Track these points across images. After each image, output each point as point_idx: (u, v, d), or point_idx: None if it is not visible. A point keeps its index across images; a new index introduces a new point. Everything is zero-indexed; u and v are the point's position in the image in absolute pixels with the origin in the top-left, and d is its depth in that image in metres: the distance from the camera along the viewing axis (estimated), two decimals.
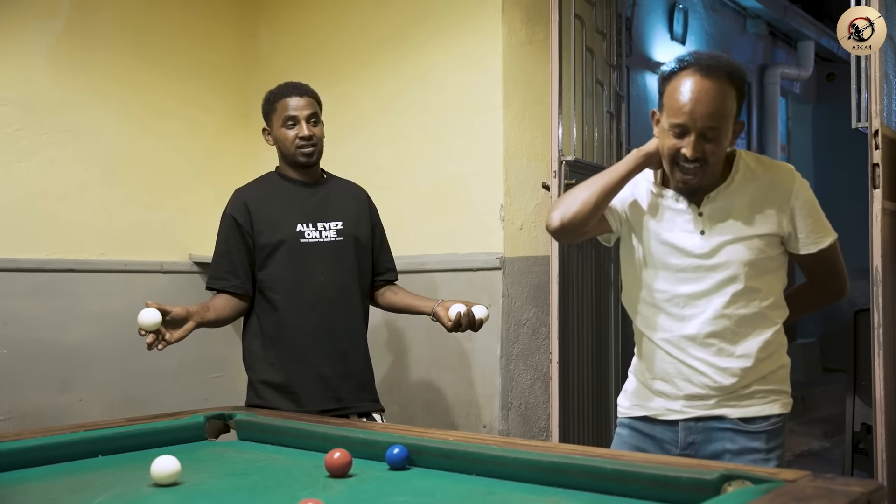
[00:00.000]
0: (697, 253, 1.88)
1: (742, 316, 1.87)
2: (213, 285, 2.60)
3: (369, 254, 2.70)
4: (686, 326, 1.90)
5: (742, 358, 1.88)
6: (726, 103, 1.81)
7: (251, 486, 1.72)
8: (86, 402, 3.38)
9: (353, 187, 2.78)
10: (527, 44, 3.40)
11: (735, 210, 1.87)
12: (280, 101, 2.59)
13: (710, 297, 1.87)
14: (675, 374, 1.92)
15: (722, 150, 1.85)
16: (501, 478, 1.72)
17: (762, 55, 7.40)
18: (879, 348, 2.54)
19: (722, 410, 1.89)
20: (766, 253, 1.87)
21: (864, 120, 2.63)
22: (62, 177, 3.40)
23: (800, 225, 1.87)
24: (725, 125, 1.82)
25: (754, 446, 1.87)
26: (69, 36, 3.43)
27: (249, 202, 2.61)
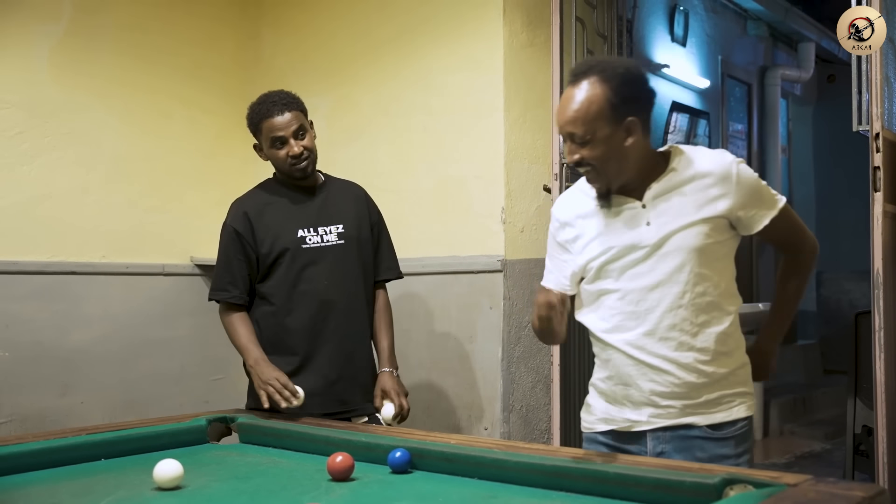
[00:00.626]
0: (645, 244, 1.87)
1: (697, 304, 1.86)
2: (215, 296, 2.62)
3: (370, 254, 2.71)
4: (644, 322, 1.88)
5: (702, 351, 1.86)
6: (590, 106, 1.81)
7: (253, 489, 1.73)
8: (87, 405, 3.38)
9: (351, 187, 2.78)
10: (528, 46, 3.40)
11: (677, 198, 1.88)
12: (264, 122, 2.56)
13: (663, 287, 1.87)
14: (639, 376, 1.89)
15: (608, 151, 1.83)
16: (503, 481, 1.73)
17: (763, 57, 7.40)
18: (880, 351, 2.54)
19: (689, 419, 1.87)
20: (714, 238, 1.86)
21: (864, 123, 2.64)
22: (64, 179, 3.40)
23: (745, 202, 1.87)
24: (593, 127, 1.81)
25: (724, 452, 1.86)
26: (71, 38, 3.44)
27: (250, 212, 2.61)
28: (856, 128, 2.68)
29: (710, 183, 1.86)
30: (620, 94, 1.82)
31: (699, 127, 6.45)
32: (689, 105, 6.30)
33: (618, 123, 1.83)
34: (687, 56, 6.21)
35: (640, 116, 1.86)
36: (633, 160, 1.87)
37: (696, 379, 1.86)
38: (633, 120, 1.84)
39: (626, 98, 1.83)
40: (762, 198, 1.89)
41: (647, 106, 1.90)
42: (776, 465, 5.01)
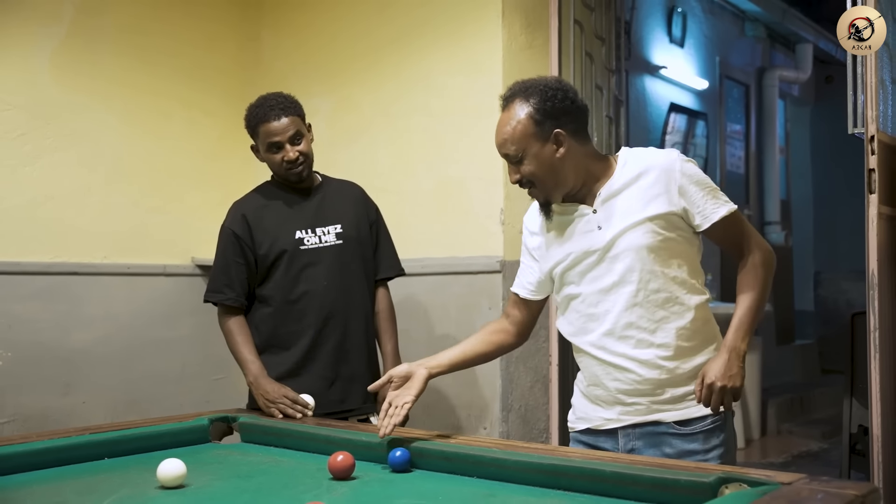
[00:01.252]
0: (597, 248, 1.92)
1: (653, 301, 1.89)
2: (210, 298, 2.63)
3: (370, 252, 2.72)
4: (603, 323, 1.93)
5: (662, 347, 1.89)
6: (516, 126, 1.90)
7: (255, 488, 1.75)
8: (89, 405, 3.40)
9: (348, 187, 2.80)
10: (526, 49, 3.42)
11: (624, 199, 1.91)
12: (261, 126, 2.58)
13: (617, 288, 1.90)
14: (604, 375, 1.95)
15: (541, 166, 1.90)
16: (502, 480, 1.75)
17: (760, 58, 7.43)
18: (876, 351, 2.56)
19: (657, 415, 1.90)
20: (664, 234, 1.88)
21: (860, 125, 2.66)
22: (66, 180, 3.42)
23: (693, 199, 1.88)
24: (522, 145, 1.90)
25: (691, 448, 1.88)
26: (72, 40, 3.46)
27: (248, 215, 2.63)
28: (851, 130, 2.69)
29: (654, 180, 1.90)
30: (542, 109, 1.89)
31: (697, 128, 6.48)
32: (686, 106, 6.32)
33: (545, 138, 1.90)
34: (685, 57, 6.24)
35: (567, 127, 1.91)
36: (569, 169, 1.93)
37: (658, 375, 1.89)
38: (559, 132, 1.90)
39: (549, 112, 1.89)
40: (710, 197, 1.90)
41: (576, 116, 1.93)
42: (773, 464, 5.03)
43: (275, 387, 2.46)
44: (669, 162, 1.90)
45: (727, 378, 1.81)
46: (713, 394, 1.82)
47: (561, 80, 2.01)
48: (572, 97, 1.94)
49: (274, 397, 2.43)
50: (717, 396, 1.82)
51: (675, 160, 1.91)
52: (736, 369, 1.83)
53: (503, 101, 1.96)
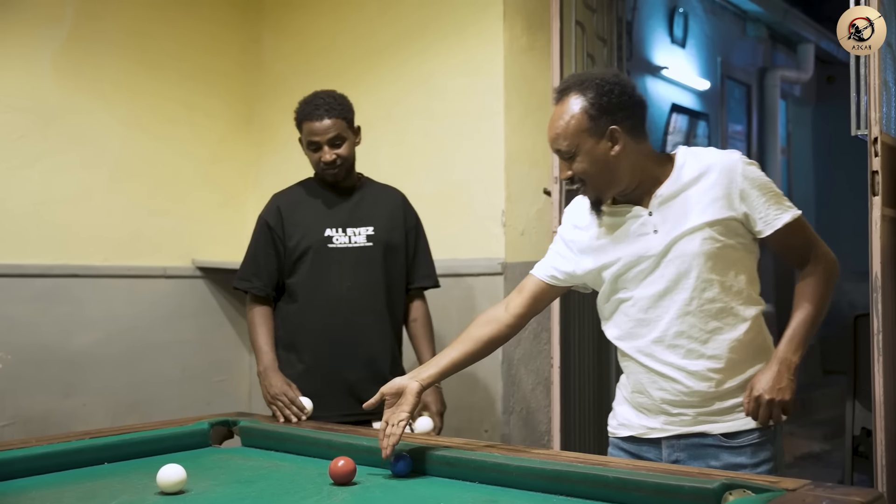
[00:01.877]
0: (653, 253, 1.85)
1: (706, 311, 1.82)
2: (238, 285, 2.66)
3: (402, 259, 2.69)
4: (653, 330, 1.87)
5: (713, 359, 1.83)
6: (570, 121, 1.83)
7: (256, 493, 1.74)
8: (90, 407, 3.40)
9: (389, 192, 2.77)
10: (528, 50, 3.42)
11: (682, 202, 1.84)
12: (304, 123, 2.60)
13: (671, 294, 1.84)
14: (649, 384, 1.89)
15: (594, 163, 1.83)
16: (505, 485, 1.74)
17: (762, 58, 7.41)
18: (879, 354, 2.55)
19: (703, 427, 1.84)
20: (723, 241, 1.82)
21: (863, 127, 2.64)
22: (67, 183, 3.41)
23: (755, 204, 1.81)
24: (575, 141, 1.83)
25: (738, 462, 1.81)
26: (74, 43, 3.45)
27: (283, 207, 2.66)
28: (854, 132, 2.68)
29: (713, 183, 1.82)
30: (598, 104, 1.82)
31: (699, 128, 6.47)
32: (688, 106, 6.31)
33: (600, 134, 1.82)
34: (686, 58, 6.23)
35: (623, 124, 1.84)
36: (624, 168, 1.85)
37: (707, 388, 1.83)
38: (615, 129, 1.82)
39: (605, 108, 1.82)
40: (773, 202, 1.82)
41: (633, 112, 1.87)
42: None
43: (279, 382, 2.45)
44: (731, 164, 1.83)
45: (776, 391, 1.76)
46: (761, 407, 1.76)
47: (619, 73, 1.93)
48: (630, 92, 1.86)
49: (275, 392, 2.42)
50: (765, 410, 1.76)
51: (737, 162, 1.83)
52: (786, 382, 1.77)
53: (557, 94, 1.88)
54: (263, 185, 4.09)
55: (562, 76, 3.28)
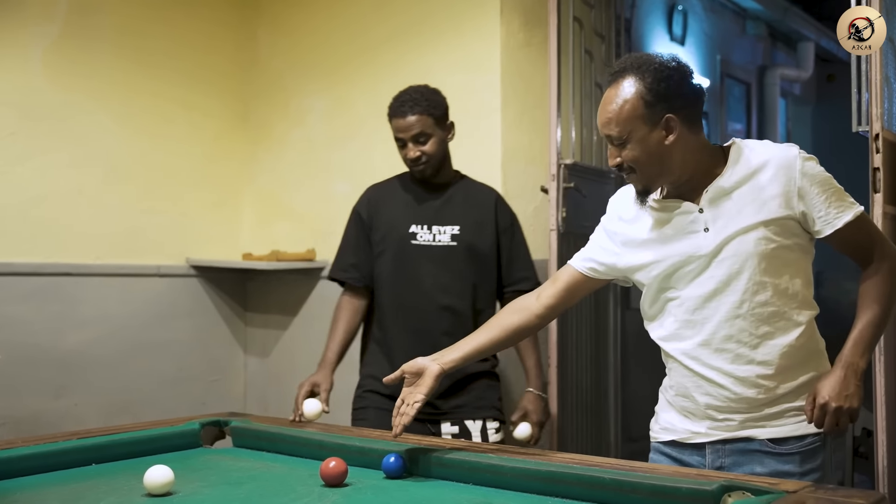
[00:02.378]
0: (704, 252, 1.77)
1: (758, 315, 1.74)
2: (335, 275, 2.70)
3: (490, 262, 2.62)
4: (700, 332, 1.79)
5: (763, 365, 1.74)
6: (624, 105, 1.74)
7: (245, 495, 1.71)
8: (82, 407, 3.36)
9: (482, 191, 2.71)
10: (525, 46, 3.38)
11: (736, 199, 1.76)
12: (392, 119, 2.59)
13: (720, 296, 1.76)
14: (694, 388, 1.81)
15: (646, 151, 1.75)
16: (498, 487, 1.71)
17: (762, 56, 7.38)
18: (880, 353, 2.52)
19: (749, 431, 1.77)
20: (778, 242, 1.73)
21: (864, 123, 2.61)
22: (59, 180, 3.38)
23: (814, 202, 1.72)
24: (628, 127, 1.74)
25: (786, 469, 1.72)
26: (66, 39, 3.41)
27: (373, 199, 2.68)
28: (855, 128, 2.65)
29: (770, 179, 1.73)
30: (655, 90, 1.73)
31: None
32: None
33: (655, 122, 1.74)
34: (685, 55, 6.19)
35: (680, 113, 1.75)
36: (677, 160, 1.76)
37: (755, 394, 1.75)
38: (671, 117, 1.74)
39: (662, 95, 1.73)
40: (834, 199, 1.74)
41: (691, 101, 1.78)
42: None
43: (311, 377, 2.51)
44: (789, 159, 1.74)
45: (843, 398, 1.68)
46: (827, 415, 1.68)
47: (678, 58, 1.80)
48: (689, 79, 1.77)
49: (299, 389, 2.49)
50: (831, 418, 1.68)
51: (796, 157, 1.74)
52: (853, 388, 1.69)
53: (612, 76, 1.78)
54: (259, 184, 4.06)
55: (559, 73, 3.25)
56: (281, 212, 3.97)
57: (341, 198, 3.73)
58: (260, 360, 3.98)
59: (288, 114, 3.96)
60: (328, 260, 3.74)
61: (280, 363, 3.91)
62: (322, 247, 3.77)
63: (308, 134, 3.88)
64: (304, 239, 3.82)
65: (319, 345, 3.74)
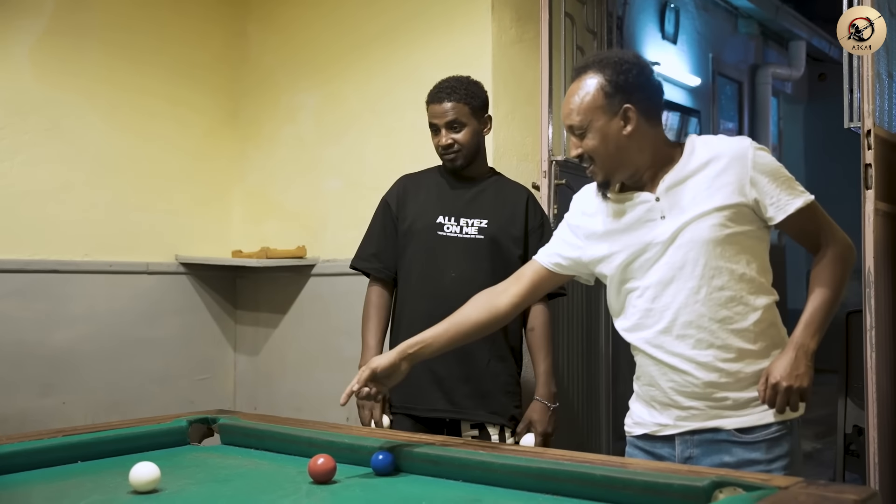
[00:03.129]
0: (661, 240, 1.81)
1: (716, 300, 1.78)
2: (357, 265, 2.69)
3: (515, 258, 2.57)
4: (661, 320, 1.83)
5: (723, 349, 1.78)
6: (585, 97, 1.81)
7: (232, 492, 1.69)
8: (70, 405, 3.34)
9: (515, 188, 2.69)
10: (517, 42, 3.37)
11: (691, 187, 1.81)
12: (429, 105, 2.57)
13: (678, 282, 1.80)
14: (659, 376, 1.85)
15: (605, 141, 1.81)
16: (489, 484, 1.69)
17: (754, 55, 7.40)
18: (872, 350, 2.52)
19: (716, 422, 1.80)
20: (733, 228, 1.77)
21: (856, 120, 2.61)
22: (46, 176, 3.35)
23: (766, 190, 1.77)
24: (588, 117, 1.80)
25: (753, 457, 1.76)
26: (53, 34, 3.39)
27: (404, 188, 2.66)
28: (847, 125, 2.65)
29: (723, 168, 1.78)
30: (614, 82, 1.80)
31: (690, 125, 6.44)
32: (679, 103, 6.29)
33: (613, 112, 1.80)
34: (678, 54, 6.20)
35: (639, 105, 1.81)
36: (634, 151, 1.82)
37: (717, 378, 1.78)
38: (629, 107, 1.79)
39: (621, 86, 1.79)
40: (784, 187, 1.78)
41: (649, 94, 1.84)
42: None
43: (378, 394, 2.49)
44: (741, 150, 1.79)
45: (793, 377, 1.72)
46: (778, 394, 1.72)
47: (639, 55, 1.91)
48: (648, 74, 1.84)
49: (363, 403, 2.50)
50: (782, 397, 1.72)
51: (748, 147, 1.79)
52: (803, 368, 1.73)
53: (575, 72, 1.86)
54: (249, 181, 4.04)
55: (551, 69, 3.24)
56: (271, 209, 3.95)
57: (332, 195, 3.72)
58: (249, 358, 3.96)
59: (278, 110, 3.94)
60: (319, 257, 3.73)
61: (270, 361, 3.89)
62: (312, 244, 3.75)
63: (298, 131, 3.86)
64: (295, 236, 3.80)
65: (310, 343, 3.74)
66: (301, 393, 3.73)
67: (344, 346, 3.48)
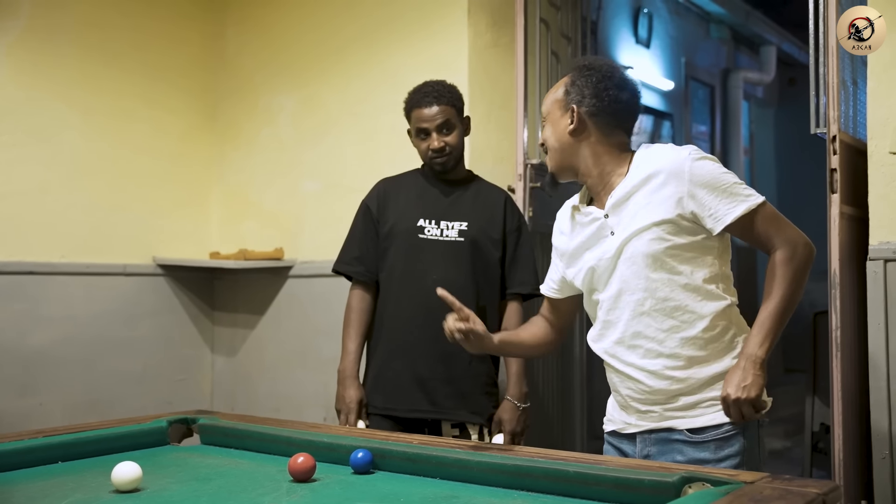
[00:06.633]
0: (610, 255, 1.88)
1: (661, 310, 1.83)
2: (339, 268, 2.69)
3: (495, 260, 2.61)
4: (615, 331, 1.90)
5: (671, 357, 1.83)
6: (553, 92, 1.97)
7: (213, 491, 1.71)
8: (47, 407, 3.33)
9: (493, 191, 2.70)
10: (492, 47, 3.41)
11: (633, 204, 1.85)
12: (413, 110, 2.58)
13: (625, 295, 1.87)
14: (619, 383, 1.93)
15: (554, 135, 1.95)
16: (465, 481, 1.73)
17: (725, 59, 7.49)
18: (837, 350, 2.58)
19: (671, 422, 1.85)
20: (672, 240, 1.81)
21: (822, 125, 2.67)
22: (22, 178, 3.34)
23: (703, 202, 1.79)
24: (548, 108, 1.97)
25: (702, 457, 1.80)
26: (30, 35, 3.38)
27: (384, 192, 2.67)
28: (813, 130, 2.71)
29: (662, 182, 1.82)
30: (575, 84, 1.92)
31: (663, 128, 6.52)
32: (652, 107, 6.36)
33: (565, 110, 1.92)
34: (651, 58, 6.27)
35: (590, 109, 1.89)
36: (578, 152, 1.93)
37: (667, 385, 1.84)
38: (574, 108, 1.90)
39: (578, 88, 1.91)
40: (723, 195, 1.79)
41: (605, 103, 1.89)
42: None
43: (352, 395, 2.54)
44: (678, 163, 1.81)
45: (741, 389, 1.75)
46: (730, 407, 1.76)
47: (616, 67, 1.96)
48: (611, 84, 1.90)
49: (339, 406, 2.56)
50: (734, 409, 1.76)
51: (685, 160, 1.81)
52: (751, 379, 1.75)
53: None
54: (227, 182, 4.05)
55: (526, 73, 3.29)
56: (249, 210, 3.96)
57: (310, 197, 3.74)
58: (227, 358, 3.97)
59: (256, 112, 3.96)
60: (296, 259, 3.75)
61: (247, 362, 3.90)
62: (290, 246, 3.77)
63: (277, 133, 3.88)
64: (273, 238, 3.81)
65: (287, 343, 3.76)
66: (279, 393, 3.75)
67: (321, 346, 3.50)
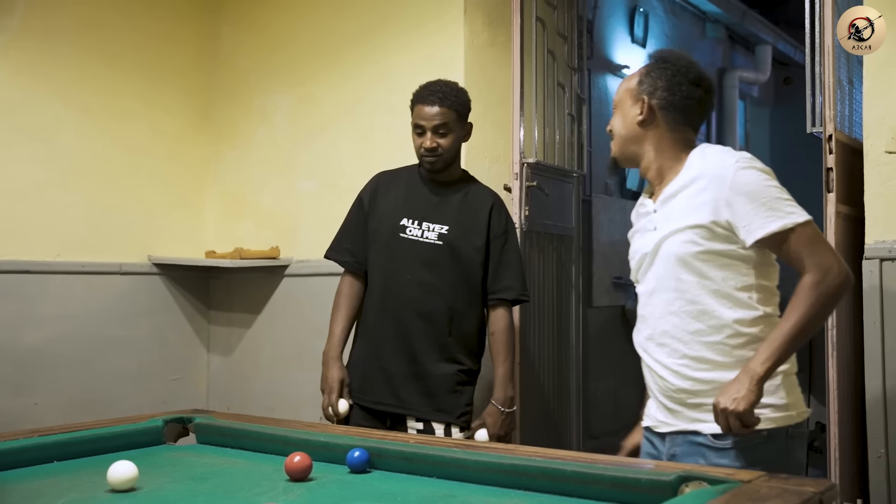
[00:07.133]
0: (648, 250, 1.91)
1: (688, 312, 1.83)
2: (330, 256, 2.74)
3: (475, 266, 2.59)
4: (647, 326, 1.93)
5: (695, 360, 1.84)
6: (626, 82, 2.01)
7: (209, 490, 1.71)
8: (42, 407, 3.32)
9: (481, 194, 2.68)
10: (488, 46, 3.41)
11: (678, 203, 1.87)
12: (416, 105, 2.59)
13: (658, 293, 1.89)
14: (649, 377, 1.96)
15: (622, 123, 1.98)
16: (462, 480, 1.73)
17: (721, 59, 7.49)
18: (833, 349, 2.58)
19: (696, 425, 1.84)
20: (706, 245, 1.81)
21: (818, 125, 2.68)
22: (17, 177, 3.33)
23: (739, 212, 1.77)
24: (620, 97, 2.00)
25: (722, 463, 1.77)
26: (25, 34, 3.37)
27: (378, 186, 2.70)
28: (809, 129, 2.71)
29: (704, 186, 1.82)
30: (649, 73, 1.95)
31: None
32: None
33: (636, 100, 1.95)
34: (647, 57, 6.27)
35: (660, 102, 1.92)
36: (642, 141, 1.95)
37: (690, 386, 1.84)
38: (644, 99, 1.93)
39: (652, 80, 1.94)
40: (763, 207, 1.76)
41: (679, 98, 1.92)
42: None
43: (332, 374, 2.57)
44: (722, 169, 1.80)
45: (731, 400, 1.72)
46: (717, 415, 1.75)
47: (694, 64, 1.98)
48: (687, 80, 1.93)
49: (322, 386, 2.60)
50: (721, 418, 1.74)
51: (730, 167, 1.80)
52: (743, 392, 1.71)
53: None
54: (223, 181, 4.04)
55: (522, 72, 3.29)
56: (245, 209, 3.95)
57: (306, 196, 3.73)
58: (223, 358, 3.96)
59: (252, 112, 3.95)
60: (292, 258, 3.75)
61: (243, 362, 3.89)
62: (286, 245, 3.76)
63: (272, 132, 3.87)
64: (268, 237, 3.81)
65: (283, 343, 3.75)
66: (274, 393, 3.74)
67: (317, 346, 3.48)
